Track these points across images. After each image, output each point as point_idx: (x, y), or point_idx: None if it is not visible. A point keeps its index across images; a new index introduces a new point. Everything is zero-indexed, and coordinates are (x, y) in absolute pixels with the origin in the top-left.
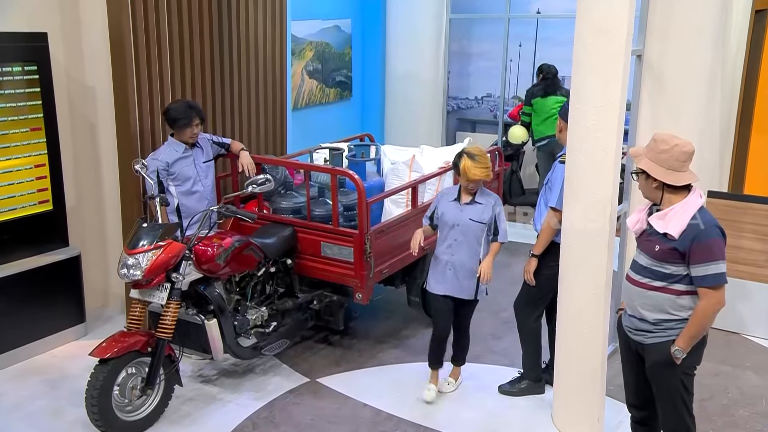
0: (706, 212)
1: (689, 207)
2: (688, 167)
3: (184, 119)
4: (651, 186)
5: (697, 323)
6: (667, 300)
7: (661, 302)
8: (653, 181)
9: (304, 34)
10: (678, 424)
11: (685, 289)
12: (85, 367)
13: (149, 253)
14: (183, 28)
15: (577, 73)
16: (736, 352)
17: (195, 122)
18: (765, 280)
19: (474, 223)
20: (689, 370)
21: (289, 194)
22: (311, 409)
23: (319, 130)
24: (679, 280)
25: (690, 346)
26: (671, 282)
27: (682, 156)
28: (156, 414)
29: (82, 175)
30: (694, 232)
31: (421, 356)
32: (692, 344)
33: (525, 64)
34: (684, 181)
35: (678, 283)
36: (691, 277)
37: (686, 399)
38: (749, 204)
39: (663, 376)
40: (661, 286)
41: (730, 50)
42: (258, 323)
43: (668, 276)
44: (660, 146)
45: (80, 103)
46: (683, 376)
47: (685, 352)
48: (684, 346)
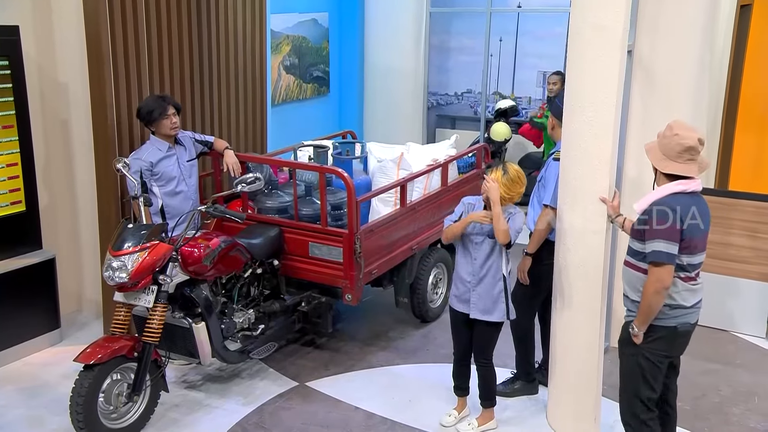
0: (682, 198)
1: (662, 190)
2: (685, 160)
3: (157, 110)
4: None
5: (643, 299)
6: (637, 278)
7: (634, 280)
8: None
9: (281, 27)
10: (626, 408)
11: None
12: (62, 374)
13: (135, 254)
14: (161, 21)
15: (573, 68)
16: (726, 349)
17: (170, 111)
18: (754, 277)
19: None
20: (652, 357)
21: (275, 193)
22: (302, 414)
23: (297, 127)
24: (644, 258)
25: (643, 324)
26: (639, 259)
27: (677, 147)
28: (142, 421)
29: (54, 175)
30: (653, 213)
31: (411, 358)
32: (645, 321)
33: (505, 59)
34: (671, 170)
35: (643, 261)
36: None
37: (640, 387)
38: (738, 200)
39: (624, 354)
40: (633, 263)
41: (718, 46)
42: (245, 326)
43: (637, 253)
44: (666, 132)
45: (53, 99)
46: (643, 360)
47: (640, 330)
48: (637, 323)
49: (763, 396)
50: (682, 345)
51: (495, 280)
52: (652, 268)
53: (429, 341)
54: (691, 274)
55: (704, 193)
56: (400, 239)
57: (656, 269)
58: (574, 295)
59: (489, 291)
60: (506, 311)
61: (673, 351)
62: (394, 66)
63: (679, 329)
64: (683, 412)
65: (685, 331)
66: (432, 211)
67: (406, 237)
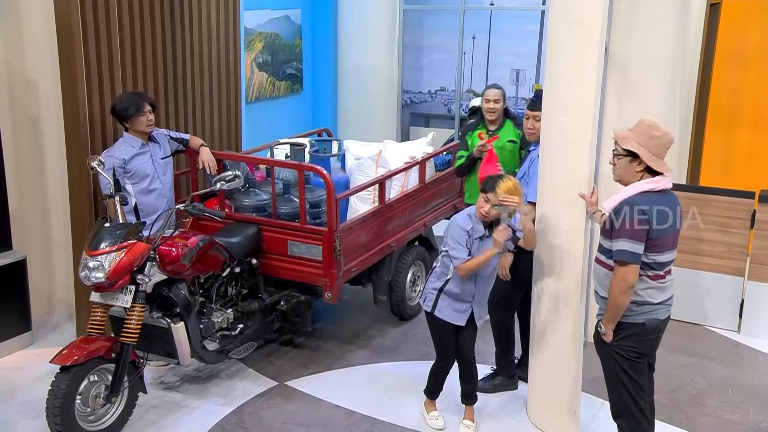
0: (649, 197)
1: (633, 189)
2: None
3: (133, 106)
4: (633, 169)
5: (609, 297)
6: (605, 275)
7: (602, 277)
8: (638, 164)
9: (253, 24)
10: (619, 405)
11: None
12: (35, 377)
13: (112, 254)
14: (134, 17)
15: (551, 64)
16: (700, 343)
17: (146, 108)
18: (726, 272)
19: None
20: (626, 354)
21: (252, 192)
22: (283, 413)
23: (271, 125)
24: (612, 256)
25: (610, 323)
26: (608, 257)
27: (668, 144)
28: (120, 423)
29: (24, 174)
30: (617, 209)
31: (391, 356)
32: (612, 320)
33: (478, 57)
34: (664, 169)
35: (611, 259)
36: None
37: (626, 383)
38: (710, 196)
39: (600, 353)
40: (603, 261)
41: (689, 44)
42: (224, 326)
43: (607, 251)
44: (652, 132)
45: (21, 96)
46: (619, 358)
47: (607, 329)
48: (604, 322)
49: (737, 388)
50: (653, 342)
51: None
52: (618, 267)
53: (408, 339)
54: (659, 272)
55: (676, 189)
56: (379, 237)
57: (621, 268)
58: (553, 291)
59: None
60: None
61: (644, 348)
62: (367, 64)
63: (647, 325)
64: (660, 405)
65: (653, 327)
66: (410, 208)
67: (384, 234)
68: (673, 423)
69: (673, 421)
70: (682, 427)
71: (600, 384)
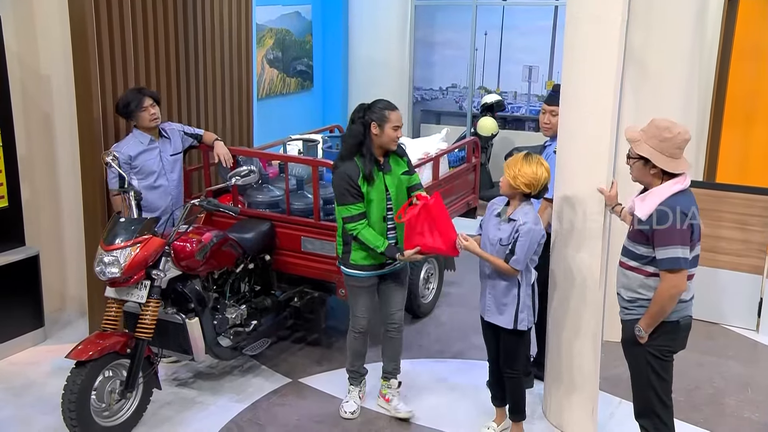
0: (683, 197)
1: (663, 192)
2: (681, 154)
3: (134, 102)
4: (648, 172)
5: (655, 304)
6: (637, 280)
7: (632, 282)
8: (652, 167)
9: (264, 20)
10: (644, 406)
11: (654, 271)
12: (49, 372)
13: (128, 249)
14: (147, 13)
15: (569, 59)
16: (718, 342)
17: (147, 103)
18: (744, 270)
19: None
20: (659, 353)
21: (265, 187)
22: (297, 410)
23: (281, 121)
24: (650, 262)
25: (651, 327)
26: (643, 263)
27: (683, 144)
28: (134, 419)
29: (37, 170)
30: (657, 216)
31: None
32: (653, 324)
33: (491, 53)
34: (681, 168)
35: (649, 265)
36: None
37: (655, 383)
38: (727, 193)
39: (630, 354)
40: (635, 266)
41: (706, 39)
42: (237, 322)
43: (640, 257)
44: (664, 134)
45: (35, 92)
46: (651, 357)
47: (646, 332)
48: (644, 326)
49: (756, 387)
50: (683, 339)
51: (511, 285)
52: (667, 275)
53: (421, 337)
54: (692, 270)
55: (693, 186)
56: None
57: (672, 276)
58: (572, 288)
59: (502, 293)
60: (514, 319)
61: (677, 346)
62: (378, 60)
63: (681, 323)
64: (678, 403)
65: (686, 324)
66: None
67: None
68: (692, 422)
69: (692, 420)
70: (701, 426)
71: (617, 383)
